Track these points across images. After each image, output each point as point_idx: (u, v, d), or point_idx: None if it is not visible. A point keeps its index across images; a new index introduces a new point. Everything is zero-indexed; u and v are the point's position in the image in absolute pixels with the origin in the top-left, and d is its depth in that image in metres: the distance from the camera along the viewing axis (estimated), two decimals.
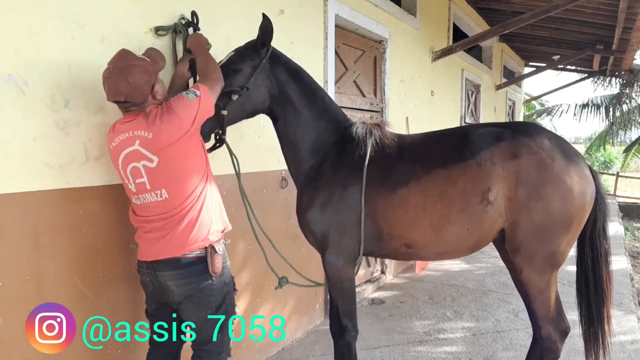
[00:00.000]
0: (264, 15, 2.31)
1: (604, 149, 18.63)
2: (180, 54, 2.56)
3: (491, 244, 2.72)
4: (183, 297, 2.06)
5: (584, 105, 16.18)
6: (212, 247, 2.06)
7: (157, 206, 1.99)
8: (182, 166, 1.99)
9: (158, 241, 2.01)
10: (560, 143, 2.43)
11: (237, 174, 2.50)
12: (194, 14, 2.58)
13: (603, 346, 2.65)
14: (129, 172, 1.97)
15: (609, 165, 22.19)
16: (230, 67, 2.32)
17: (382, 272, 5.34)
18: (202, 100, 2.02)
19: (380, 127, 2.60)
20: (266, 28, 2.33)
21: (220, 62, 2.35)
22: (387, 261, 5.32)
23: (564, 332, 2.58)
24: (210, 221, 2.08)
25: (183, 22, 2.56)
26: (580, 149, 20.21)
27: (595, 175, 2.49)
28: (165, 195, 1.97)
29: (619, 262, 6.12)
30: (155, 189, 1.96)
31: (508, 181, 2.32)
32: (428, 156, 2.47)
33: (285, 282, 2.62)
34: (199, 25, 2.59)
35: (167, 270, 2.02)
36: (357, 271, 2.59)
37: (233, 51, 2.42)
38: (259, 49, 2.39)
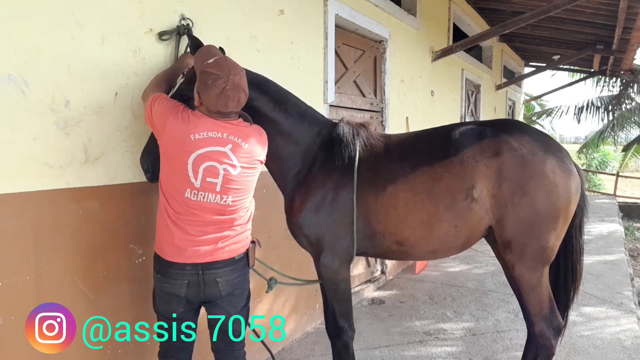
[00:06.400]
0: (188, 35, 2.27)
1: (596, 148, 18.60)
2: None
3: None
4: (228, 291, 2.06)
5: (584, 107, 16.17)
6: (255, 242, 2.21)
7: (213, 208, 1.98)
8: (252, 182, 2.12)
9: (215, 242, 2.00)
10: (542, 139, 2.46)
11: None
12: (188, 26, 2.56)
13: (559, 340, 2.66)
14: (202, 169, 1.93)
15: (606, 164, 22.12)
16: (183, 96, 2.19)
17: (382, 272, 5.34)
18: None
19: (366, 127, 2.60)
20: (197, 48, 2.16)
21: (172, 91, 2.28)
22: (387, 261, 5.31)
23: (558, 328, 2.57)
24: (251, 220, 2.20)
25: (184, 23, 2.56)
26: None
27: (579, 171, 2.51)
28: (229, 202, 2.00)
29: (618, 262, 6.13)
30: (224, 194, 1.98)
31: (491, 178, 2.36)
32: (414, 154, 2.49)
33: (275, 282, 2.59)
34: (197, 29, 2.58)
35: (222, 267, 2.02)
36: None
37: (182, 77, 2.31)
38: None
